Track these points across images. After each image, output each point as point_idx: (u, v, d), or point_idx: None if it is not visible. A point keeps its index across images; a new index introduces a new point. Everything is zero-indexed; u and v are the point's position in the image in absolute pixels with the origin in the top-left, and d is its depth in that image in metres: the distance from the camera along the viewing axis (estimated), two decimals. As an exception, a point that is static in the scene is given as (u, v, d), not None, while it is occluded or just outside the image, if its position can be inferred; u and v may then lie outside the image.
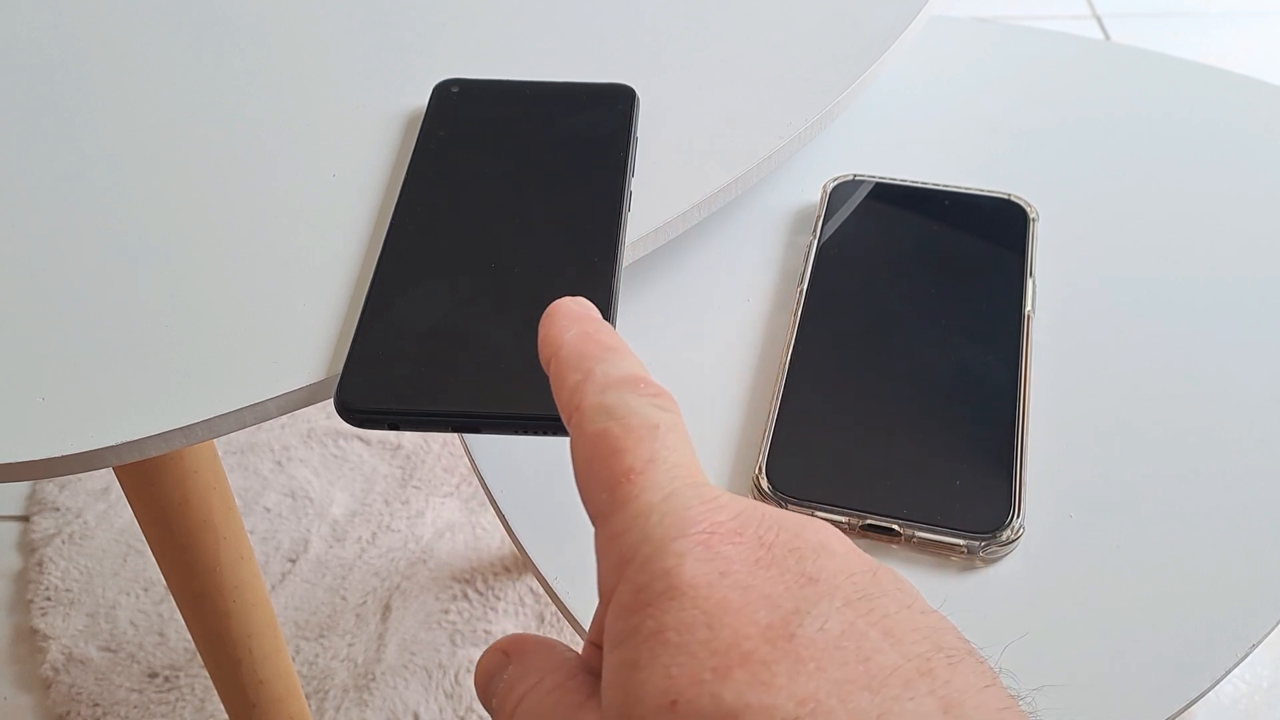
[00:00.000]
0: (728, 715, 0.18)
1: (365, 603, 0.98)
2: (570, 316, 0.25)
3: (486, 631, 0.96)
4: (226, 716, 0.70)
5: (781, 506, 0.36)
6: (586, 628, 0.35)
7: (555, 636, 1.10)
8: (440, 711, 0.91)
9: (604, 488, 0.22)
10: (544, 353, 0.25)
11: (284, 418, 1.08)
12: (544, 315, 0.25)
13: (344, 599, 0.98)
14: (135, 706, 0.92)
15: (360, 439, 1.10)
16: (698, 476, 0.22)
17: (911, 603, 0.21)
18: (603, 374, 0.23)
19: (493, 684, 0.25)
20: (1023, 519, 0.38)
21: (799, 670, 0.19)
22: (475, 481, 1.06)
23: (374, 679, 0.93)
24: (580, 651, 0.24)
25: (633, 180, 0.42)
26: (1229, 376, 0.43)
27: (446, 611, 0.97)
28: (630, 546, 0.21)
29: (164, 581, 0.73)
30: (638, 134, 0.44)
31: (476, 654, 0.94)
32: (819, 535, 0.21)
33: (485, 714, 0.91)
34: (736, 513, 0.21)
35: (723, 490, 0.22)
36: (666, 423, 0.23)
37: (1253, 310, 0.45)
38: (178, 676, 0.93)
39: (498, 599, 0.98)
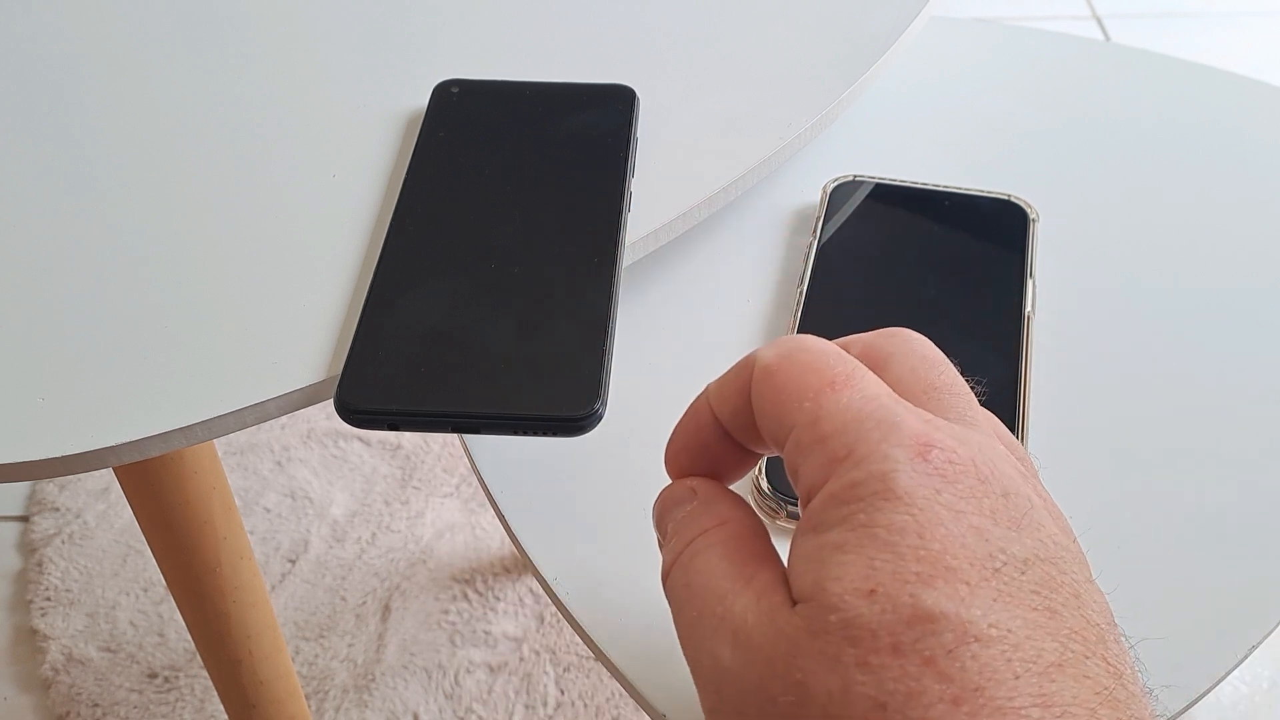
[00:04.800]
0: (923, 617, 0.20)
1: (365, 603, 0.98)
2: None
3: (486, 632, 0.96)
4: (226, 717, 0.70)
5: (782, 508, 0.36)
6: (587, 628, 0.35)
7: (555, 636, 1.10)
8: (440, 711, 0.91)
9: (805, 398, 0.23)
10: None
11: (284, 418, 1.08)
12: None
13: (344, 599, 0.98)
14: (135, 707, 0.92)
15: (360, 439, 1.10)
16: (898, 397, 0.24)
17: (1091, 579, 0.22)
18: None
19: (672, 513, 0.26)
20: (1023, 519, 0.37)
21: (997, 600, 0.20)
22: (475, 481, 1.06)
23: (374, 679, 0.93)
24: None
25: (633, 180, 0.42)
26: (1230, 377, 0.43)
27: (446, 612, 0.97)
28: (843, 446, 0.22)
29: (164, 581, 0.73)
30: (638, 134, 0.44)
31: (476, 654, 0.94)
32: (1027, 491, 0.23)
33: (485, 715, 0.91)
34: (961, 439, 0.22)
35: (934, 415, 0.23)
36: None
37: (1254, 312, 0.45)
38: (178, 677, 0.93)
39: (498, 599, 0.98)
